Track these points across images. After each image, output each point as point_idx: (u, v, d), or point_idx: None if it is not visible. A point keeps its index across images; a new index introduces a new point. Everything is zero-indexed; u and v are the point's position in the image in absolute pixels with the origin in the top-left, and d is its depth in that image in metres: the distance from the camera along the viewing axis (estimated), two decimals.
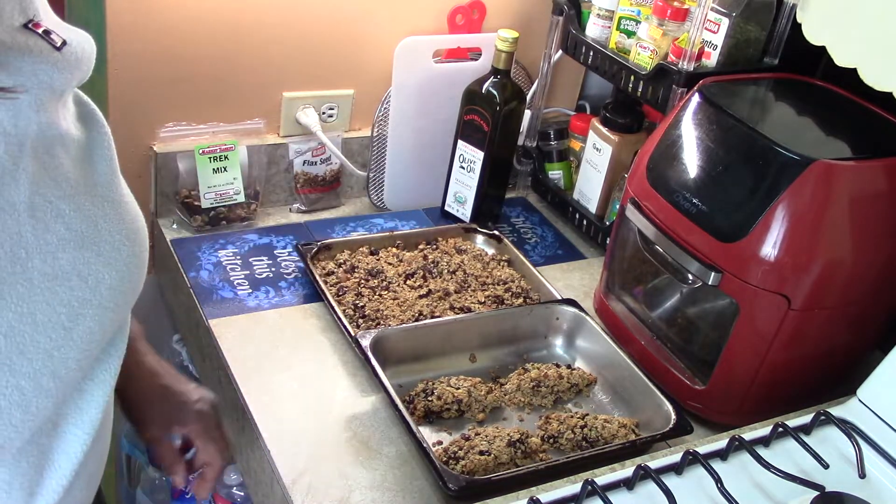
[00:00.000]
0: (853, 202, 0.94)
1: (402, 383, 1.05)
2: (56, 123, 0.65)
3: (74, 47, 0.65)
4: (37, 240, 0.62)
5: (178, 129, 1.29)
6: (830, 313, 0.99)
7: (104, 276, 0.68)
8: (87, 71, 0.69)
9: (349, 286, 1.19)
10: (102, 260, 0.68)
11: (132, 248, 0.72)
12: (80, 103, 0.73)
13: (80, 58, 0.66)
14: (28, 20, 0.61)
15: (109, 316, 0.70)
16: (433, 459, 0.90)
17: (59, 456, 0.68)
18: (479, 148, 1.35)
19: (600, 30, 1.31)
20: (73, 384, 0.68)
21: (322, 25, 1.33)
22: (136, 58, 1.22)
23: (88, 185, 0.69)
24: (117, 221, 0.71)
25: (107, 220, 0.69)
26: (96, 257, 0.68)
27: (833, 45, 0.95)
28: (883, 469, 0.91)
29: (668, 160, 1.06)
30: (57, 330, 0.64)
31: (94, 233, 0.68)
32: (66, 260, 0.65)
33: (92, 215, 0.68)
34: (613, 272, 1.21)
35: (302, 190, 1.41)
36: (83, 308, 0.66)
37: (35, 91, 0.61)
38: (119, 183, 0.73)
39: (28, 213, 0.62)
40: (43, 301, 0.63)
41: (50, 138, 0.64)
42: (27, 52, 0.60)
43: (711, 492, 0.84)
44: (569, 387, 1.08)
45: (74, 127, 0.69)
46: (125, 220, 0.72)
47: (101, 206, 0.69)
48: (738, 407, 1.04)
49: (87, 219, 0.68)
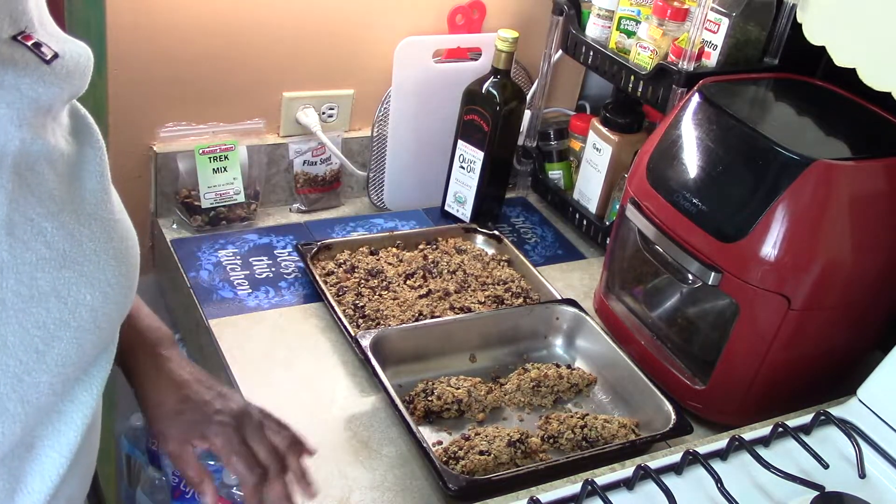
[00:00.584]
0: (853, 202, 0.94)
1: (402, 383, 1.05)
2: (41, 138, 0.63)
3: (66, 60, 0.64)
4: (14, 259, 0.60)
5: (178, 129, 1.29)
6: (830, 313, 0.99)
7: (86, 296, 0.66)
8: (81, 85, 0.67)
9: (349, 286, 1.19)
10: (85, 280, 0.66)
11: (119, 267, 0.69)
12: (76, 116, 0.71)
13: (71, 71, 0.65)
14: (19, 31, 0.59)
15: (89, 338, 0.67)
16: (433, 459, 0.90)
17: (32, 479, 0.66)
18: (479, 148, 1.35)
19: (600, 30, 1.31)
20: (47, 407, 0.66)
21: (322, 25, 1.33)
22: (136, 58, 1.22)
23: (75, 202, 0.66)
24: (104, 240, 0.68)
25: (93, 238, 0.67)
26: (78, 277, 0.65)
27: (833, 45, 0.95)
28: (883, 469, 0.91)
29: (668, 160, 1.06)
30: (29, 353, 0.62)
31: (78, 252, 0.66)
32: (44, 280, 0.62)
33: (76, 234, 0.66)
34: (613, 272, 1.21)
35: (302, 190, 1.41)
36: (60, 330, 0.64)
37: (17, 106, 0.60)
38: (110, 200, 0.71)
39: (5, 231, 0.60)
40: (16, 323, 0.61)
41: (34, 154, 0.62)
42: (11, 65, 0.58)
43: (711, 492, 0.84)
44: (569, 387, 1.08)
45: (65, 141, 0.67)
46: (113, 238, 0.69)
47: (88, 225, 0.67)
48: (738, 407, 1.04)
49: (71, 237, 0.65)
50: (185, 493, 1.47)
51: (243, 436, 0.84)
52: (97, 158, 0.70)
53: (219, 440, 0.82)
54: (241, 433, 0.84)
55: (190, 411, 0.83)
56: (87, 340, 0.67)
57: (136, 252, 0.74)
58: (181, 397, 0.84)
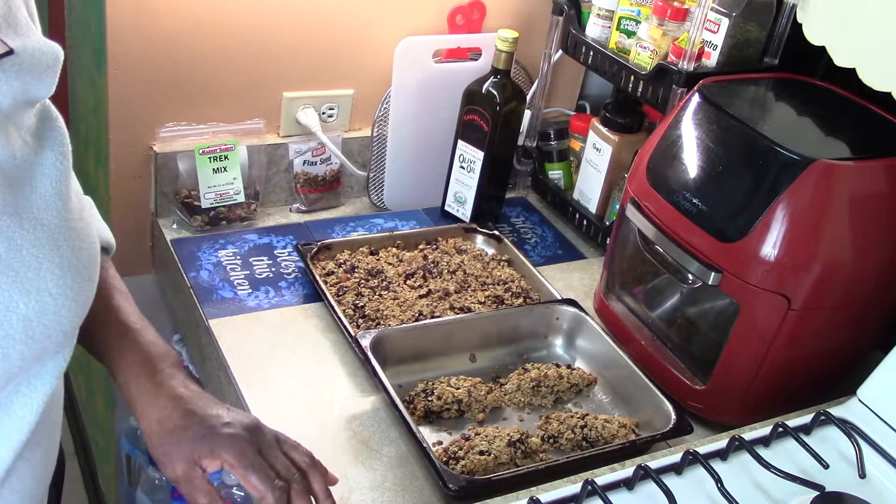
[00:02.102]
0: (853, 202, 0.94)
1: (402, 383, 1.05)
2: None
3: (23, 57, 0.61)
4: None
5: (178, 129, 1.29)
6: (830, 313, 0.99)
7: (18, 304, 0.62)
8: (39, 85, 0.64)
9: (349, 286, 1.19)
10: (20, 287, 0.62)
11: (63, 277, 0.65)
12: (45, 119, 0.68)
13: (25, 69, 0.61)
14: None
15: (18, 348, 0.63)
16: (433, 459, 0.90)
17: None
18: (479, 148, 1.35)
19: (600, 30, 1.31)
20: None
21: (322, 25, 1.33)
22: (136, 58, 1.22)
23: (19, 206, 0.63)
24: (49, 248, 0.64)
25: (35, 245, 0.64)
26: (12, 283, 0.62)
27: (833, 45, 0.95)
28: (883, 469, 0.91)
29: (668, 160, 1.06)
30: None
31: (15, 257, 0.62)
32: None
33: (16, 238, 0.62)
34: (613, 272, 1.21)
35: (302, 190, 1.41)
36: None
37: None
38: (65, 207, 0.67)
39: None
40: None
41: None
42: None
43: (711, 492, 0.84)
44: (569, 387, 1.08)
45: (22, 142, 0.64)
46: (61, 246, 0.65)
47: (32, 230, 0.64)
48: (738, 407, 1.04)
49: (8, 241, 0.62)
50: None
51: (258, 448, 0.76)
52: (57, 163, 0.67)
53: (231, 453, 0.74)
54: (255, 445, 0.76)
55: (196, 426, 0.76)
56: (15, 350, 0.63)
57: (93, 262, 0.70)
58: (185, 412, 0.77)
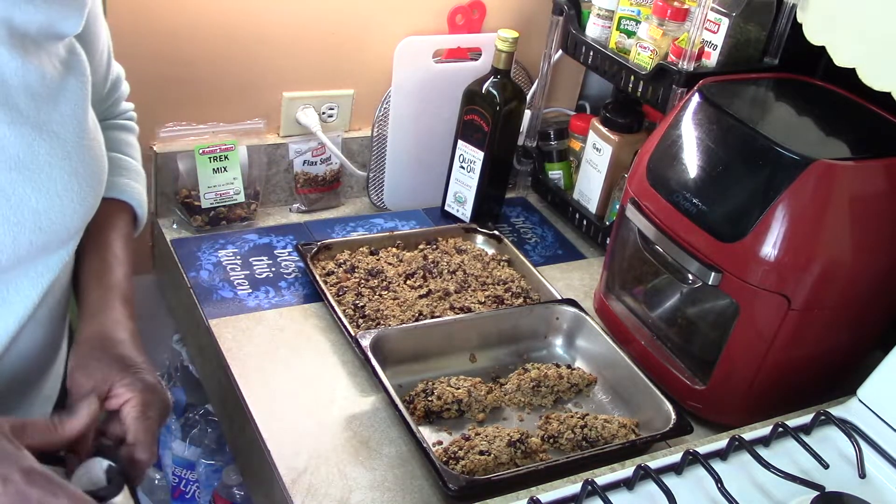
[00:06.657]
0: (853, 202, 0.94)
1: (402, 383, 1.05)
2: (18, 58, 0.71)
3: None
4: None
5: (178, 129, 1.29)
6: (830, 313, 0.99)
7: (30, 198, 0.73)
8: (66, 15, 0.74)
9: (349, 286, 1.19)
10: (33, 185, 0.73)
11: (70, 182, 0.76)
12: (72, 52, 0.78)
13: (54, 3, 0.71)
14: None
15: (28, 236, 0.74)
16: (433, 459, 0.90)
17: None
18: (479, 148, 1.35)
19: (600, 30, 1.31)
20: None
21: (322, 25, 1.33)
22: (136, 58, 1.21)
23: (41, 118, 0.74)
24: (62, 157, 0.75)
25: (50, 153, 0.74)
26: (26, 181, 0.73)
27: (833, 45, 0.95)
28: (883, 469, 0.91)
29: (668, 160, 1.06)
30: None
31: (31, 160, 0.73)
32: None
33: (34, 145, 0.73)
34: (613, 272, 1.21)
35: (302, 190, 1.41)
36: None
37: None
38: (82, 127, 0.78)
39: None
40: None
41: (4, 69, 0.70)
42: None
43: (711, 492, 0.84)
44: (569, 387, 1.08)
45: (52, 67, 0.75)
46: (72, 157, 0.76)
47: (48, 140, 0.74)
48: (738, 407, 1.04)
49: (28, 147, 0.73)
50: (185, 493, 1.47)
51: (157, 413, 0.78)
52: (78, 89, 0.78)
53: (138, 396, 0.77)
54: (159, 407, 0.79)
55: (116, 356, 0.79)
56: (23, 236, 0.74)
57: (98, 176, 0.81)
58: (107, 339, 0.81)
